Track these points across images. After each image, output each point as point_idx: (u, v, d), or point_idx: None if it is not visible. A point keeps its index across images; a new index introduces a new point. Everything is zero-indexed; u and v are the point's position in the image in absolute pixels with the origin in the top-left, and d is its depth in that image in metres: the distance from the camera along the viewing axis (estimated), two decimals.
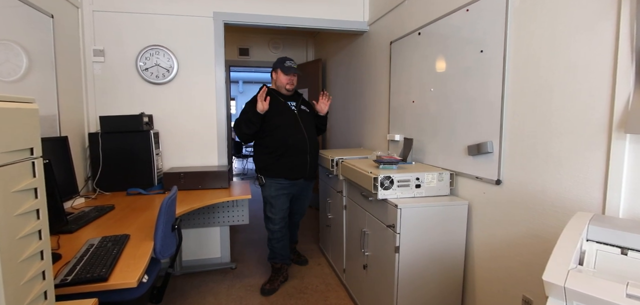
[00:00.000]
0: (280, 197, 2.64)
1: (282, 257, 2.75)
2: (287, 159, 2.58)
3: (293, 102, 2.68)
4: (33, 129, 0.84)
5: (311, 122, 2.73)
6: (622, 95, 1.16)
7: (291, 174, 2.62)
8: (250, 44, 4.86)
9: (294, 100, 2.70)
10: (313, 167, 2.73)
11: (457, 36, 1.93)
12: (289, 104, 2.65)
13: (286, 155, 2.58)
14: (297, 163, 2.61)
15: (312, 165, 2.71)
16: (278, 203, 2.63)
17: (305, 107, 2.74)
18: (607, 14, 1.21)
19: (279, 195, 2.63)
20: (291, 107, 2.65)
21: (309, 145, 2.64)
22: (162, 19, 2.78)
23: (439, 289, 1.89)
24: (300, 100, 2.74)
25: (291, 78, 2.63)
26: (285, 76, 2.61)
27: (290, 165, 2.60)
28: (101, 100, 2.73)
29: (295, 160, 2.60)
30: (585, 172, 1.29)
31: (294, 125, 2.60)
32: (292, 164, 2.60)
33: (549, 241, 1.45)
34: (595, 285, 0.76)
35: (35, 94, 2.05)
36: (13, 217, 0.76)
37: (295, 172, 2.63)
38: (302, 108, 2.70)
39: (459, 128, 1.93)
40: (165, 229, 1.60)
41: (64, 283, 1.19)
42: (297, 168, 2.62)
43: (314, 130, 2.76)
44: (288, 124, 2.59)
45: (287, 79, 2.61)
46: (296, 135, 2.59)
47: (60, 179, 1.89)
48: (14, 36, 1.89)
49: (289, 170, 2.60)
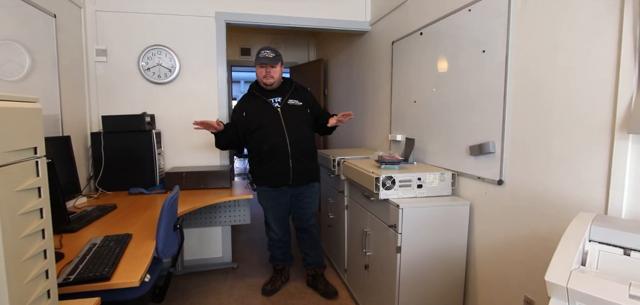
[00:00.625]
0: (271, 204, 2.45)
1: (283, 259, 2.66)
2: (268, 165, 2.33)
3: (277, 98, 2.34)
4: (36, 129, 0.84)
5: (302, 119, 2.35)
6: (624, 96, 1.15)
7: (272, 181, 2.37)
8: (252, 44, 4.86)
9: (280, 94, 2.35)
10: (301, 173, 2.36)
11: (459, 36, 1.93)
12: (271, 100, 2.33)
13: (266, 161, 2.33)
14: (278, 169, 2.32)
15: (298, 171, 2.34)
16: (271, 211, 2.48)
17: (296, 100, 2.37)
18: (610, 14, 1.20)
19: (270, 203, 2.45)
20: (273, 104, 2.33)
21: (293, 148, 2.29)
22: (164, 19, 2.78)
23: (441, 289, 1.89)
24: (289, 93, 2.37)
25: (266, 69, 2.28)
26: (259, 68, 2.30)
27: (270, 172, 2.33)
28: (103, 100, 2.73)
29: (275, 165, 2.31)
30: (588, 172, 1.29)
31: (273, 126, 2.29)
32: (272, 170, 2.32)
33: (551, 241, 1.44)
34: (597, 285, 0.76)
35: (38, 93, 2.06)
36: (17, 216, 0.76)
37: (276, 180, 2.36)
38: (289, 103, 2.35)
39: (461, 128, 1.93)
40: (167, 229, 1.60)
41: (67, 282, 1.20)
42: (278, 175, 2.33)
43: (306, 129, 2.38)
44: (267, 125, 2.29)
45: (261, 71, 2.30)
46: (275, 138, 2.28)
47: (62, 178, 1.89)
48: (17, 36, 1.90)
49: (270, 177, 2.35)
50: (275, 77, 2.31)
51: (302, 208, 2.49)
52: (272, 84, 2.32)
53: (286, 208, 2.50)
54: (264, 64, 2.27)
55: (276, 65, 2.30)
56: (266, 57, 2.26)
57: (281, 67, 2.39)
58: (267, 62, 2.26)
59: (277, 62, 2.31)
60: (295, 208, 2.52)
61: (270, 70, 2.29)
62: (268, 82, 2.31)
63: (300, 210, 2.50)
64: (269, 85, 2.33)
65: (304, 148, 2.35)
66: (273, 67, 2.29)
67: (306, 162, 2.37)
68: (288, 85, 2.41)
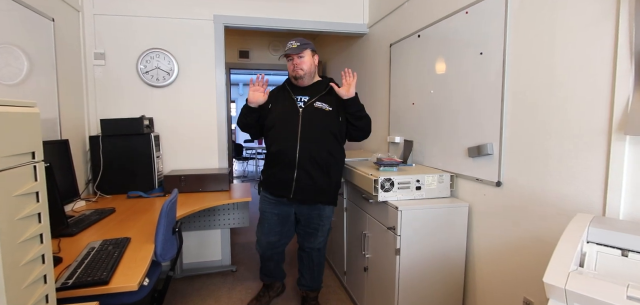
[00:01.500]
0: (269, 215, 2.15)
1: (270, 276, 2.38)
2: (273, 170, 2.06)
3: (304, 97, 2.03)
4: (34, 133, 0.85)
5: (326, 127, 2.00)
6: (621, 97, 1.16)
7: (274, 189, 2.09)
8: (250, 47, 4.87)
9: (309, 94, 2.04)
10: (307, 189, 2.00)
11: (456, 38, 1.93)
12: (296, 98, 2.04)
13: (271, 165, 2.07)
14: (281, 178, 2.02)
15: (303, 186, 1.99)
16: (265, 222, 2.17)
17: (325, 105, 2.02)
18: (606, 16, 1.21)
19: (267, 213, 2.15)
20: (297, 102, 2.03)
21: (302, 156, 1.95)
22: (162, 22, 2.78)
23: (440, 291, 1.89)
24: (322, 93, 2.04)
25: (293, 62, 2.00)
26: (288, 63, 2.04)
27: (274, 179, 2.06)
28: (102, 104, 2.73)
29: (279, 173, 2.02)
30: (585, 173, 1.29)
31: (287, 128, 1.99)
32: (276, 177, 2.05)
33: (549, 243, 1.45)
34: (595, 287, 0.76)
35: (36, 97, 2.05)
36: (15, 221, 0.76)
37: (275, 188, 2.08)
38: (316, 105, 2.01)
39: (459, 130, 1.94)
40: (166, 232, 1.60)
41: (65, 286, 1.20)
42: (280, 184, 2.03)
43: (328, 139, 2.01)
44: (281, 125, 2.02)
45: (290, 65, 2.02)
46: (285, 141, 1.98)
47: (61, 182, 1.89)
48: (15, 40, 1.90)
49: (273, 184, 2.08)
50: (304, 69, 1.99)
51: (307, 229, 2.17)
52: (303, 76, 2.00)
53: (284, 225, 2.17)
54: (290, 56, 1.99)
55: (304, 54, 1.98)
56: (290, 48, 1.98)
57: (313, 55, 2.05)
58: (292, 52, 1.96)
59: (304, 50, 1.98)
60: (300, 228, 2.21)
61: (297, 62, 1.98)
62: (298, 75, 1.99)
63: (304, 230, 2.19)
64: (300, 78, 2.00)
65: (318, 159, 1.97)
66: (300, 56, 1.98)
67: (317, 176, 1.99)
68: (322, 85, 2.08)
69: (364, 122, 2.05)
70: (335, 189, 2.12)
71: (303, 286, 2.36)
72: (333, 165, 2.05)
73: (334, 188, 2.11)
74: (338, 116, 2.03)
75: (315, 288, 2.36)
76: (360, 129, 2.06)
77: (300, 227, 2.20)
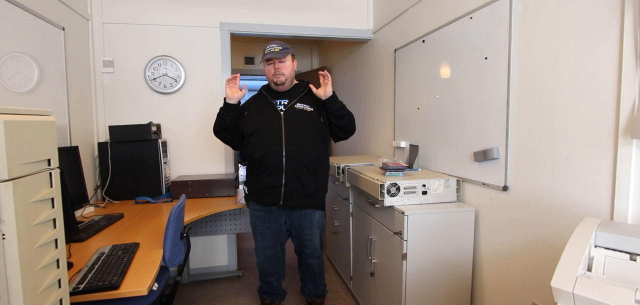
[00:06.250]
0: (260, 228, 2.10)
1: (270, 294, 2.30)
2: (259, 177, 1.99)
3: (284, 100, 2.01)
4: (50, 141, 0.87)
5: (310, 128, 1.98)
6: (627, 101, 1.16)
7: (262, 197, 2.03)
8: (256, 53, 4.91)
9: (289, 97, 2.02)
10: (296, 195, 1.97)
11: (461, 43, 1.94)
12: (276, 102, 2.01)
13: (256, 172, 2.00)
14: (268, 184, 1.96)
15: (293, 192, 1.96)
16: (258, 235, 2.12)
17: (306, 105, 2.01)
18: (610, 19, 1.21)
19: (258, 226, 2.10)
20: (278, 107, 2.00)
21: (289, 161, 1.92)
22: (169, 30, 2.83)
23: (447, 296, 1.88)
24: (300, 95, 2.03)
25: (274, 66, 1.95)
26: (267, 67, 1.99)
27: (261, 186, 2.00)
28: (110, 110, 2.77)
29: (266, 179, 1.96)
30: (592, 177, 1.29)
31: (270, 132, 1.95)
32: (263, 184, 1.98)
33: (557, 247, 1.44)
34: (603, 291, 0.76)
35: (47, 104, 2.09)
36: (32, 226, 0.78)
37: (264, 196, 2.02)
38: (297, 107, 1.99)
39: (465, 134, 1.94)
40: (174, 237, 1.62)
41: (76, 291, 1.21)
42: (268, 191, 1.98)
43: (313, 140, 1.99)
44: (263, 130, 1.97)
45: (270, 69, 1.98)
46: (271, 145, 1.93)
47: (71, 188, 1.92)
48: (26, 48, 1.94)
49: (259, 192, 2.03)
50: (286, 74, 1.97)
51: (300, 239, 2.13)
52: (284, 82, 1.98)
53: (278, 236, 2.12)
54: (271, 60, 1.96)
55: (285, 59, 1.97)
56: (272, 51, 1.94)
57: (293, 61, 2.04)
58: (274, 56, 1.93)
59: (286, 55, 1.97)
60: (293, 237, 2.17)
61: (279, 67, 1.95)
62: (279, 81, 1.97)
63: (298, 240, 2.16)
64: (281, 84, 1.98)
65: (305, 162, 1.95)
66: (282, 61, 1.96)
67: (305, 180, 1.96)
68: (301, 87, 2.07)
69: (346, 121, 2.02)
70: (323, 193, 2.11)
71: (307, 295, 2.35)
72: (319, 166, 2.03)
73: (322, 192, 2.10)
74: (320, 117, 2.01)
75: (320, 294, 2.33)
76: (342, 128, 2.04)
77: (295, 240, 2.18)
